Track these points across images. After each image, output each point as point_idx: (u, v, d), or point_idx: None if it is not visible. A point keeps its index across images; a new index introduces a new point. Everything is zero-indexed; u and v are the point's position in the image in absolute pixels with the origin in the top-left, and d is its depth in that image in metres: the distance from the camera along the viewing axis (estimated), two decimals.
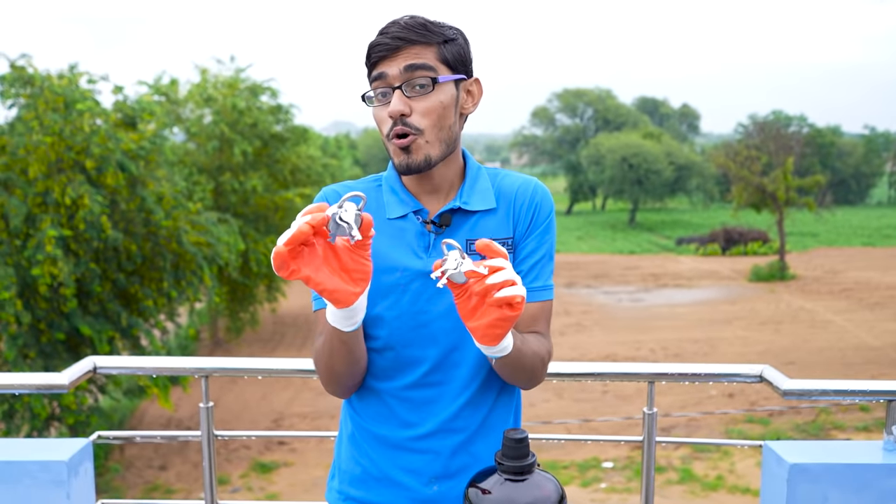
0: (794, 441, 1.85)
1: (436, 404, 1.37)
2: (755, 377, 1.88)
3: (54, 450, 1.77)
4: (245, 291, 17.53)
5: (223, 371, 1.90)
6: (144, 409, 14.64)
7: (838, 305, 22.97)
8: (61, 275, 9.92)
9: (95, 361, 1.88)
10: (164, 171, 12.09)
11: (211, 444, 1.91)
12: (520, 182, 1.44)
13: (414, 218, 1.39)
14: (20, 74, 10.88)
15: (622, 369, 1.92)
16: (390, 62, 1.31)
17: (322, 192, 1.42)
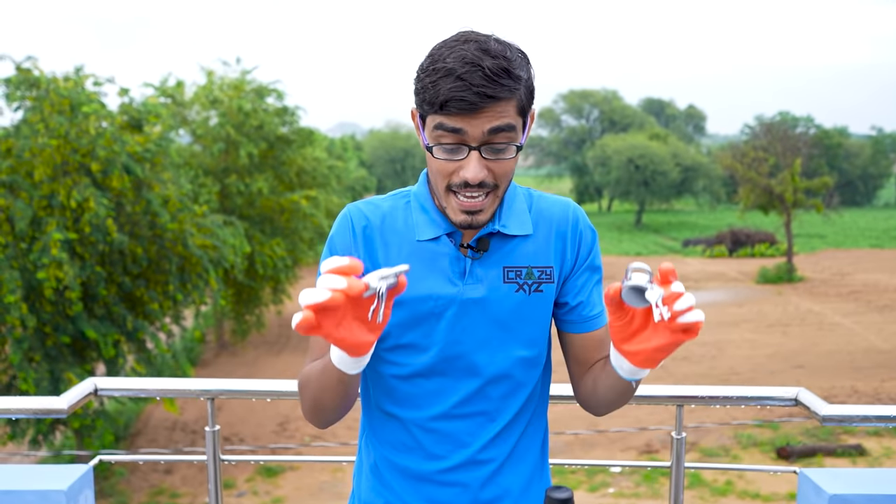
0: (830, 469, 1.76)
1: (464, 437, 1.31)
2: (790, 401, 1.79)
3: (53, 478, 1.69)
4: (251, 294, 17.48)
5: (230, 393, 1.82)
6: (150, 412, 14.58)
7: (847, 308, 22.81)
8: (67, 278, 9.87)
9: (96, 383, 1.79)
10: (169, 174, 12.04)
11: (217, 468, 1.82)
12: (557, 208, 1.35)
13: (447, 241, 1.29)
14: (26, 77, 10.84)
15: (649, 391, 1.83)
16: (472, 120, 1.15)
17: (347, 212, 1.33)
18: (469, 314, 1.28)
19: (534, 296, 1.30)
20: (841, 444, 12.34)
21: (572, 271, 1.33)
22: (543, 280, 1.31)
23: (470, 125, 1.15)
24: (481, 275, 1.28)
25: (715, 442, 13.15)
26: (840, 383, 15.63)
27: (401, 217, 1.32)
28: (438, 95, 1.15)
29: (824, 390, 15.12)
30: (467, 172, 1.17)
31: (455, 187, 1.21)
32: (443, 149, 1.19)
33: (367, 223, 1.31)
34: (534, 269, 1.30)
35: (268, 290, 18.15)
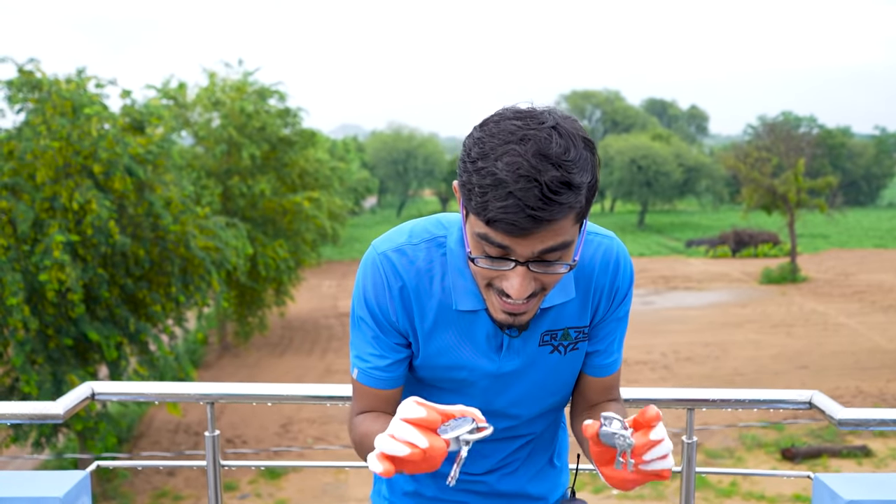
0: (843, 474, 1.71)
1: (488, 453, 1.39)
2: (804, 404, 1.74)
3: (49, 484, 1.64)
4: (253, 295, 17.46)
5: (229, 398, 1.78)
6: (153, 414, 14.56)
7: (851, 308, 22.74)
8: (69, 280, 9.85)
9: (93, 387, 1.75)
10: (171, 176, 12.02)
11: (217, 473, 1.78)
12: (601, 254, 1.25)
13: (486, 315, 1.21)
14: (28, 79, 10.83)
15: (659, 395, 1.78)
16: (521, 240, 1.04)
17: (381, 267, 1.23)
18: (504, 382, 1.29)
19: (569, 355, 1.29)
20: (847, 446, 12.28)
21: (601, 321, 1.30)
22: (580, 339, 1.28)
23: (519, 245, 1.05)
24: (519, 348, 1.25)
25: (720, 443, 13.11)
26: (845, 384, 15.56)
27: (437, 277, 1.22)
28: (486, 210, 1.02)
29: (829, 391, 15.04)
30: (511, 288, 1.09)
31: (496, 291, 1.12)
32: (486, 260, 1.09)
33: (403, 284, 1.22)
34: (570, 330, 1.26)
35: (270, 291, 18.13)
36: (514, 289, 1.08)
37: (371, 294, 1.23)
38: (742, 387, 15.71)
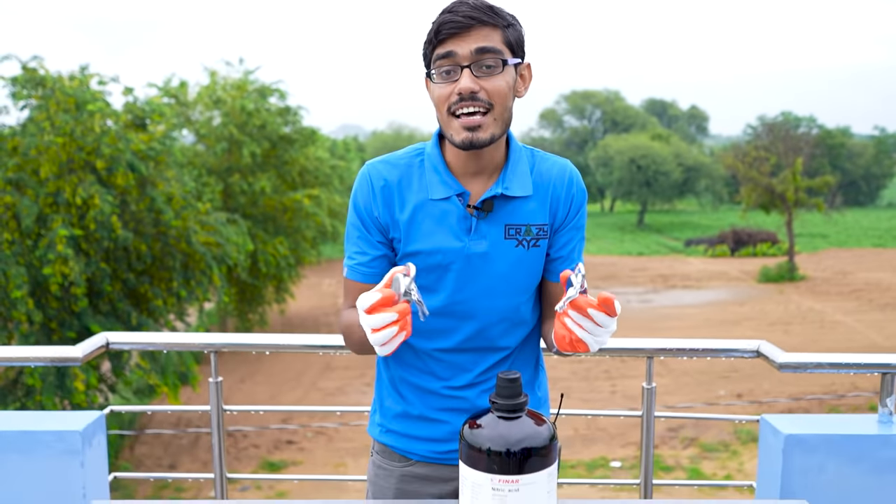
0: (788, 415, 1.89)
1: (469, 364, 1.51)
2: (752, 352, 1.92)
3: (69, 421, 1.82)
4: (254, 292, 17.62)
5: (232, 346, 1.95)
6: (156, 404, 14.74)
7: (848, 306, 22.87)
8: (72, 274, 10.01)
9: (108, 337, 1.93)
10: (173, 172, 12.18)
11: (220, 417, 1.96)
12: (556, 169, 1.51)
13: (457, 201, 1.44)
14: (32, 76, 11.00)
15: (621, 345, 1.96)
16: (460, 41, 1.35)
17: (367, 171, 1.49)
18: (473, 267, 1.44)
19: (532, 250, 1.47)
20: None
21: (560, 228, 1.49)
22: (540, 236, 1.47)
23: (459, 46, 1.34)
24: (485, 232, 1.44)
25: (715, 437, 13.26)
26: (840, 380, 15.71)
27: (416, 175, 1.47)
28: (433, 30, 1.37)
29: (825, 387, 15.21)
30: (460, 83, 1.35)
31: (454, 107, 1.37)
32: (440, 74, 1.37)
33: (386, 182, 1.47)
34: (532, 226, 1.46)
35: (271, 288, 18.29)
36: (462, 83, 1.34)
37: (358, 198, 1.49)
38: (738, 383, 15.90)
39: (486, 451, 0.97)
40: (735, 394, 14.89)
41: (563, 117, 58.24)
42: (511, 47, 1.39)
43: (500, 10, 1.39)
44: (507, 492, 0.95)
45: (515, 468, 0.95)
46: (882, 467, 1.79)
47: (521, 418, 0.97)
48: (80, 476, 1.77)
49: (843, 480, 1.78)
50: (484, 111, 1.36)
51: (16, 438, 1.77)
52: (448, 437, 1.54)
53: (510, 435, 0.95)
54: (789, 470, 1.77)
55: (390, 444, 1.59)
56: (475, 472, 0.96)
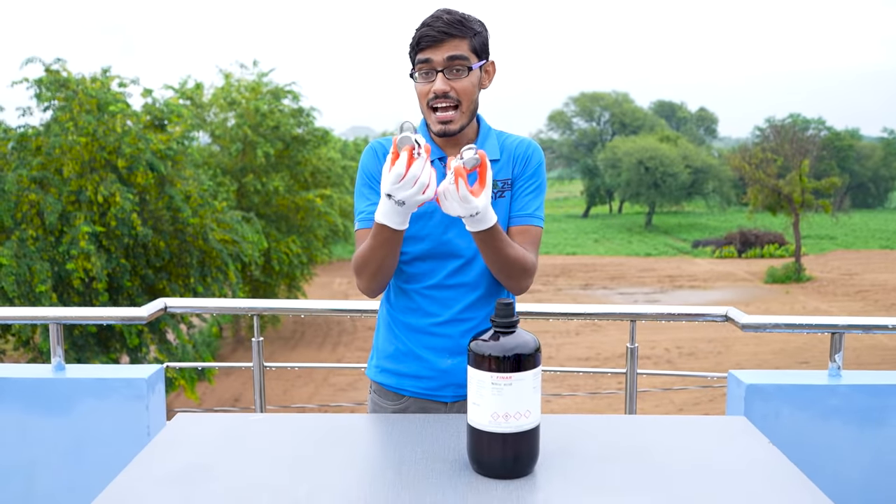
0: (753, 371, 2.19)
1: (451, 301, 1.78)
2: (721, 316, 2.22)
3: (135, 371, 2.15)
4: (267, 290, 17.94)
5: (271, 310, 2.27)
6: (171, 401, 15.07)
7: (854, 307, 23.02)
8: (94, 269, 10.36)
9: (166, 302, 2.26)
10: (191, 171, 12.52)
11: (261, 373, 2.27)
12: (518, 140, 1.85)
13: (439, 164, 1.78)
14: (55, 78, 11.35)
15: (606, 309, 2.26)
16: (435, 51, 1.69)
17: (371, 145, 1.82)
18: None
19: (499, 200, 1.78)
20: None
21: (518, 178, 1.80)
22: (505, 189, 1.79)
23: (435, 54, 1.70)
24: None
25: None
26: None
27: None
28: (415, 39, 1.72)
29: None
30: (435, 86, 1.71)
31: (431, 103, 1.72)
32: (420, 76, 1.73)
33: (385, 151, 1.81)
34: (497, 181, 1.78)
35: (283, 286, 18.60)
36: (437, 84, 1.70)
37: (367, 162, 1.81)
38: None
39: (488, 357, 1.28)
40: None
41: (571, 119, 58.42)
42: (476, 52, 1.72)
43: (469, 22, 1.72)
44: (503, 386, 1.26)
45: (509, 368, 1.26)
46: (829, 413, 2.08)
47: (513, 332, 1.29)
48: (145, 417, 2.09)
49: (797, 424, 2.08)
50: (454, 106, 1.70)
51: (92, 384, 2.09)
52: (433, 374, 1.79)
53: (506, 344, 1.27)
54: (750, 415, 2.07)
55: (384, 382, 1.84)
56: (479, 371, 1.28)
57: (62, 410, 2.09)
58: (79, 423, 2.09)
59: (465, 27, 1.71)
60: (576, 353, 18.22)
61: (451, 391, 1.79)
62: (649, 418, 1.54)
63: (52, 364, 2.18)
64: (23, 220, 10.71)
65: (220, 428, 1.50)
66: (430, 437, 1.46)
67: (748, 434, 1.44)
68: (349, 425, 1.58)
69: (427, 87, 1.72)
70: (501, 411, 1.26)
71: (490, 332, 1.31)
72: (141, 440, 2.06)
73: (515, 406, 1.27)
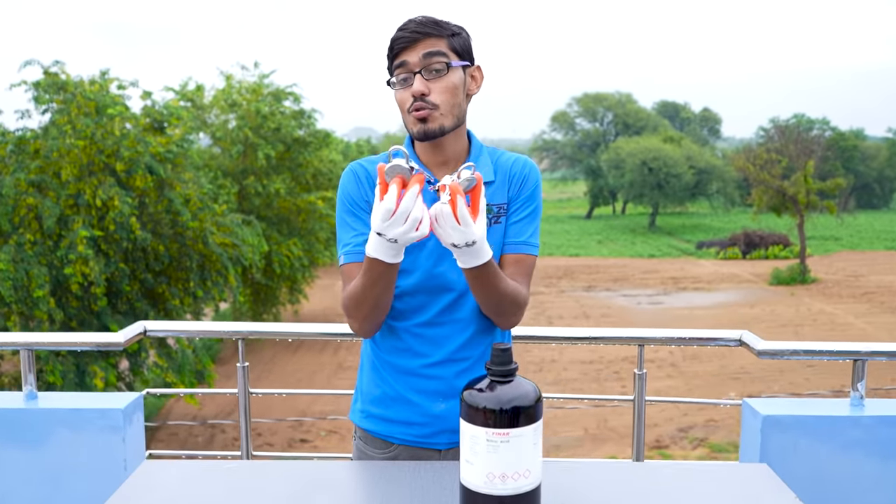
0: (768, 398, 2.05)
1: (444, 339, 1.62)
2: (735, 341, 2.09)
3: (111, 400, 2.02)
4: (268, 293, 17.85)
5: (258, 334, 2.14)
6: (170, 406, 14.98)
7: (859, 309, 22.84)
8: (92, 274, 10.25)
9: (145, 325, 2.13)
10: (190, 174, 12.41)
11: (247, 399, 2.14)
12: (514, 159, 1.69)
13: (427, 186, 1.60)
14: (53, 80, 11.24)
15: (614, 333, 2.13)
16: (410, 52, 1.55)
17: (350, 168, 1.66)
18: None
19: (494, 227, 1.63)
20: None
21: (513, 202, 1.65)
22: (501, 214, 1.64)
23: (410, 56, 1.56)
24: None
25: (724, 438, 13.35)
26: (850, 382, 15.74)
27: None
28: (390, 43, 1.59)
29: (835, 388, 15.24)
30: (413, 87, 1.56)
31: (411, 110, 1.57)
32: (399, 82, 1.58)
33: (367, 172, 1.66)
34: (492, 205, 1.63)
35: (285, 289, 18.51)
36: (415, 86, 1.55)
37: (347, 188, 1.65)
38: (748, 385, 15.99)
39: (483, 409, 1.14)
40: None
41: (574, 120, 58.21)
42: (456, 52, 1.59)
43: (445, 23, 1.60)
44: (500, 443, 1.12)
45: (506, 423, 1.12)
46: (851, 446, 1.95)
47: (511, 382, 1.15)
48: (121, 450, 1.96)
49: (816, 458, 1.94)
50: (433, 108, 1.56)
51: (65, 415, 1.96)
52: (425, 420, 1.62)
53: (503, 395, 1.13)
54: (767, 447, 1.94)
55: (370, 429, 1.67)
56: (473, 426, 1.14)
57: (33, 442, 1.96)
58: (51, 455, 1.97)
59: (441, 27, 1.59)
60: (578, 355, 18.07)
61: (445, 438, 1.64)
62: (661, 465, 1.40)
63: (23, 392, 2.06)
64: (20, 225, 10.61)
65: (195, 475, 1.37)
66: (423, 489, 1.33)
67: (771, 485, 1.31)
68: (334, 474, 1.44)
69: (407, 93, 1.58)
70: (498, 471, 1.13)
71: (485, 381, 1.17)
72: (117, 475, 1.94)
73: (514, 465, 1.13)
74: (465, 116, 1.65)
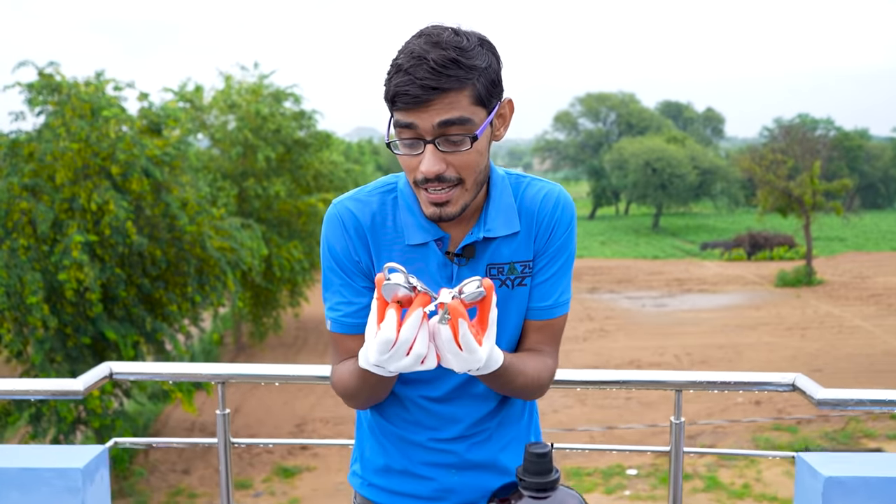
0: (827, 453, 1.79)
1: (457, 415, 1.38)
2: (787, 386, 1.82)
3: (70, 457, 1.75)
4: (268, 296, 17.60)
5: (240, 377, 1.88)
6: (168, 413, 14.73)
7: (867, 311, 22.57)
8: (87, 280, 10.01)
9: (112, 367, 1.86)
10: (188, 177, 12.17)
11: (227, 451, 1.88)
12: (542, 195, 1.35)
13: (435, 247, 1.31)
14: (48, 82, 11.01)
15: (649, 377, 1.86)
16: (421, 113, 1.16)
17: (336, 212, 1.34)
18: None
19: (517, 290, 1.33)
20: (861, 448, 12.23)
21: (540, 255, 1.34)
22: (526, 274, 1.33)
23: (420, 119, 1.16)
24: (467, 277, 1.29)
25: (733, 446, 13.08)
26: (860, 387, 15.48)
27: (389, 216, 1.32)
28: (389, 92, 1.17)
29: None
30: (422, 166, 1.18)
31: (422, 185, 1.22)
32: (402, 144, 1.20)
33: (359, 224, 1.32)
34: (516, 263, 1.32)
35: (285, 292, 18.26)
36: (424, 165, 1.18)
37: (333, 241, 1.33)
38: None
39: None
40: (753, 401, 14.70)
41: (577, 120, 57.98)
42: (483, 101, 1.18)
43: (469, 58, 1.16)
44: None
45: None
46: None
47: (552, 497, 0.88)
48: None
49: None
50: (452, 186, 1.21)
51: (16, 476, 1.70)
52: (435, 494, 1.40)
53: None
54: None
55: (373, 499, 1.45)
56: None
57: None
58: None
59: (463, 68, 1.15)
60: (583, 360, 17.83)
61: None
62: None
63: None
64: (14, 229, 10.37)
65: None
66: None
67: None
68: None
69: (414, 162, 1.20)
70: None
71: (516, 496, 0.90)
72: None
73: None
74: (489, 174, 1.30)
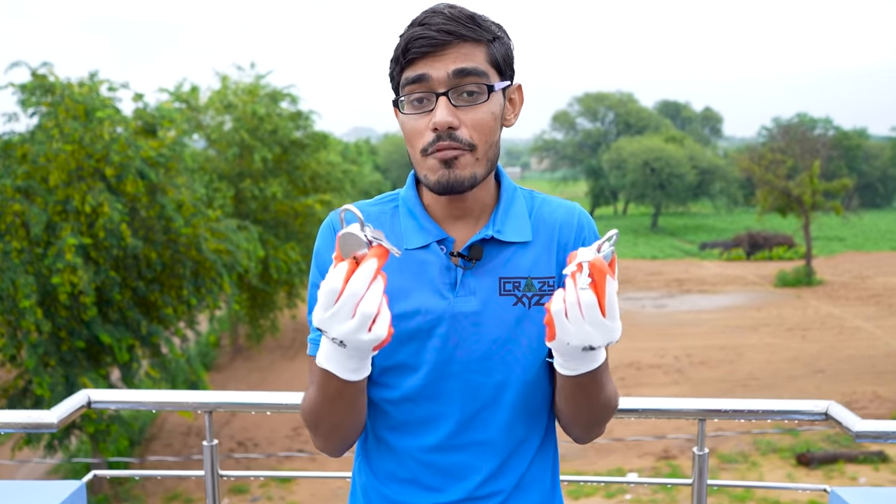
0: (862, 488, 1.66)
1: (464, 470, 1.18)
2: (820, 415, 1.69)
3: (46, 493, 1.61)
4: (265, 298, 17.47)
5: (228, 406, 1.74)
6: (165, 416, 14.59)
7: (867, 311, 22.50)
8: (81, 283, 9.88)
9: (90, 395, 1.72)
10: (183, 179, 12.04)
11: (216, 484, 1.75)
12: (562, 212, 1.23)
13: (437, 249, 1.18)
14: (41, 83, 10.89)
15: (671, 405, 1.73)
16: (434, 61, 1.08)
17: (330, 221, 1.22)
18: (461, 330, 1.15)
19: (534, 309, 1.17)
20: (863, 451, 12.12)
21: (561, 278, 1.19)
22: (545, 292, 1.17)
23: (433, 67, 1.09)
24: (474, 286, 1.16)
25: (734, 448, 12.96)
26: (861, 388, 15.38)
27: (388, 223, 1.21)
28: (401, 45, 1.11)
29: (845, 396, 14.88)
30: (436, 117, 1.08)
31: (429, 148, 1.11)
32: (411, 103, 1.11)
33: None
34: (534, 279, 1.17)
35: (282, 294, 18.14)
36: (438, 115, 1.08)
37: (323, 251, 1.20)
38: (757, 391, 15.58)
39: None
40: None
41: (575, 119, 57.91)
42: (498, 66, 1.13)
43: (485, 20, 1.12)
44: None
45: None
46: None
47: None
48: None
49: None
50: (464, 148, 1.11)
51: None
52: None
53: None
54: None
55: None
56: None
57: None
58: None
59: (481, 26, 1.10)
60: None
61: None
62: None
63: None
64: (6, 232, 10.23)
65: None
66: None
67: None
68: None
69: (422, 122, 1.10)
70: None
71: None
72: None
73: None
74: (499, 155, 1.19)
